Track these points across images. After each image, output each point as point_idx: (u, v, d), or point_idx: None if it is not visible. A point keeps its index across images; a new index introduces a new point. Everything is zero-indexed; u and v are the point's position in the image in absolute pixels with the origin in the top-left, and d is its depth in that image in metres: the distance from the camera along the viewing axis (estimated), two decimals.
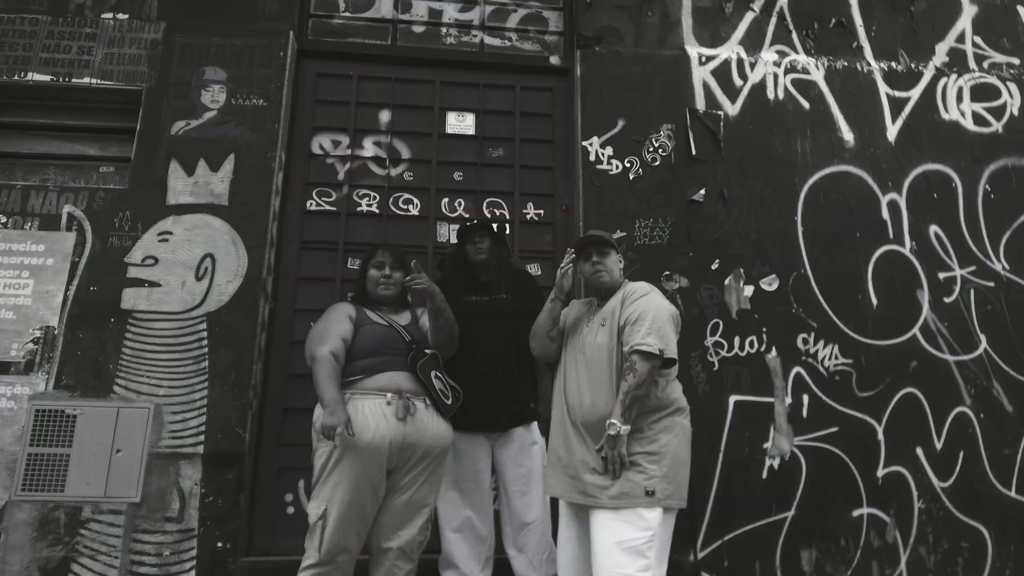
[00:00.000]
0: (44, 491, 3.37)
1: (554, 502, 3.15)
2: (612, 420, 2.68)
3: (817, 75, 4.44)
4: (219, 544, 3.38)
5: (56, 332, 3.60)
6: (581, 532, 2.86)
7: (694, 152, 4.16)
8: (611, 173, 4.09)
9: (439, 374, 3.05)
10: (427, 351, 3.06)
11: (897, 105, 4.44)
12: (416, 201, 4.19)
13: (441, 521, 3.27)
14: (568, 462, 2.86)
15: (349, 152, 4.19)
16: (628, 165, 4.11)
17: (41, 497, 3.37)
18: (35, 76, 3.97)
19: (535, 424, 3.36)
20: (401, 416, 2.88)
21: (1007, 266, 4.22)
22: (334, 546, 2.76)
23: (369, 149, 4.22)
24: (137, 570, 3.33)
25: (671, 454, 2.74)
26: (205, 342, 3.62)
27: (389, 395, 2.89)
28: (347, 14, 4.46)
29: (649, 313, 2.83)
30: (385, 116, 4.29)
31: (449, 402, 3.04)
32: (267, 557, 3.53)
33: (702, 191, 4.09)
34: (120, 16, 4.09)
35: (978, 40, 4.69)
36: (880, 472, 3.78)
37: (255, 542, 3.59)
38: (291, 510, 3.68)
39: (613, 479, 2.68)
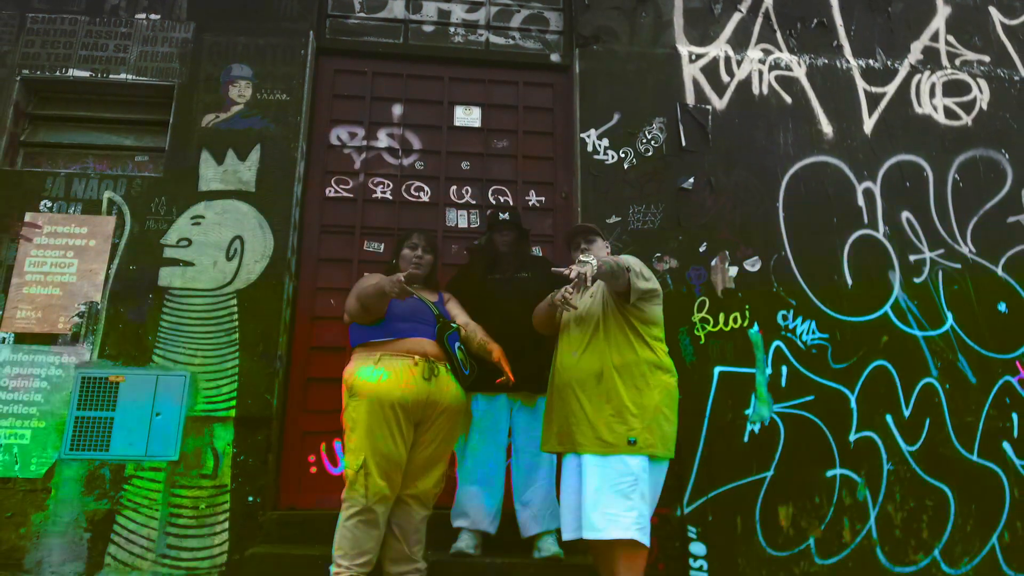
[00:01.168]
0: (90, 450, 3.72)
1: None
2: (589, 259, 2.97)
3: (799, 72, 4.77)
4: (250, 498, 3.73)
5: (99, 307, 3.94)
6: (578, 481, 3.19)
7: (684, 143, 4.50)
8: (607, 163, 4.43)
9: (461, 347, 3.38)
10: (453, 324, 3.40)
11: (873, 100, 4.78)
12: (427, 188, 4.52)
13: (460, 474, 3.62)
14: (561, 417, 3.19)
15: (365, 143, 4.53)
16: (623, 155, 4.45)
17: (88, 456, 3.71)
18: (75, 72, 4.31)
19: None
20: (427, 377, 3.21)
21: (973, 249, 4.56)
22: (377, 491, 3.04)
23: (383, 140, 4.56)
24: (176, 521, 3.67)
25: (654, 408, 3.07)
26: (236, 316, 3.96)
27: (416, 357, 3.23)
28: (362, 14, 4.79)
29: (637, 261, 3.19)
30: (397, 110, 4.62)
31: (467, 372, 3.38)
32: (293, 511, 3.87)
33: (691, 179, 4.43)
34: (152, 16, 4.43)
35: (951, 39, 5.03)
36: (852, 437, 4.12)
37: (282, 498, 3.94)
38: (314, 470, 4.03)
39: (575, 286, 2.96)
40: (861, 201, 4.56)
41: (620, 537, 2.88)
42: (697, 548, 3.85)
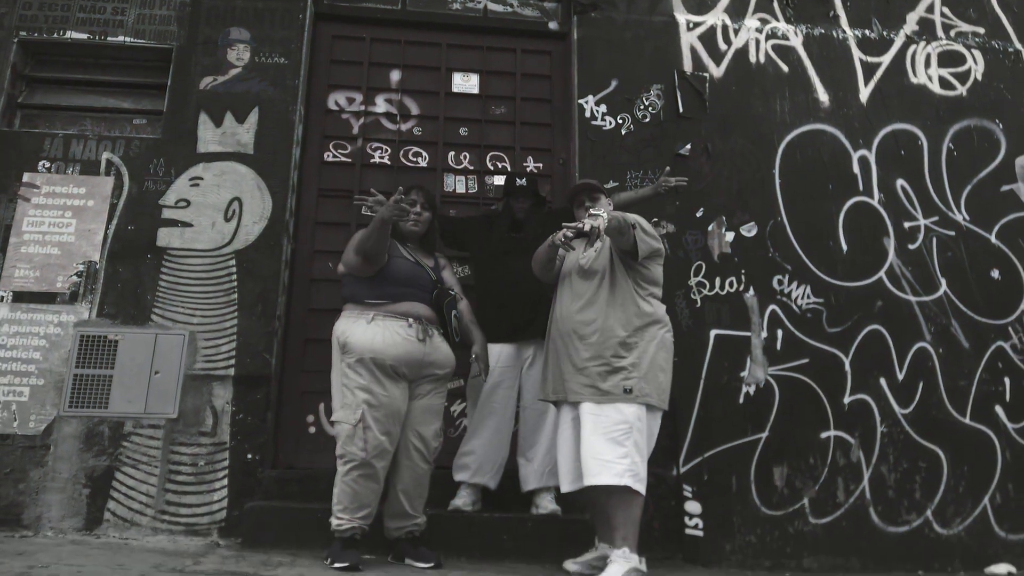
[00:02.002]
0: (89, 408, 3.73)
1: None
2: (601, 212, 3.01)
3: (796, 41, 4.80)
4: (249, 456, 3.75)
5: (98, 266, 3.94)
6: (574, 431, 3.22)
7: (681, 110, 4.52)
8: (605, 129, 4.45)
9: (458, 315, 3.40)
10: (451, 291, 3.41)
11: (869, 69, 4.81)
12: (424, 154, 4.54)
13: (468, 426, 3.66)
14: (558, 367, 3.21)
15: (363, 108, 4.54)
16: (620, 122, 4.47)
17: (87, 413, 3.73)
18: (73, 34, 4.30)
19: None
20: (421, 338, 3.23)
21: (967, 217, 4.60)
22: (377, 445, 3.04)
23: (381, 106, 4.57)
24: (175, 478, 3.69)
25: (650, 359, 3.10)
26: (234, 277, 3.98)
27: (410, 319, 3.24)
28: None
29: (642, 220, 3.21)
30: (395, 76, 4.63)
31: (457, 340, 3.40)
32: (291, 470, 3.89)
33: (688, 146, 4.45)
34: None
35: (946, 10, 5.05)
36: (846, 399, 4.16)
37: (280, 457, 3.96)
38: (312, 430, 4.05)
39: (588, 236, 2.98)
40: (856, 169, 4.60)
41: (613, 483, 2.91)
42: (692, 507, 3.89)
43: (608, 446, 2.95)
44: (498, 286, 3.72)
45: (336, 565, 2.96)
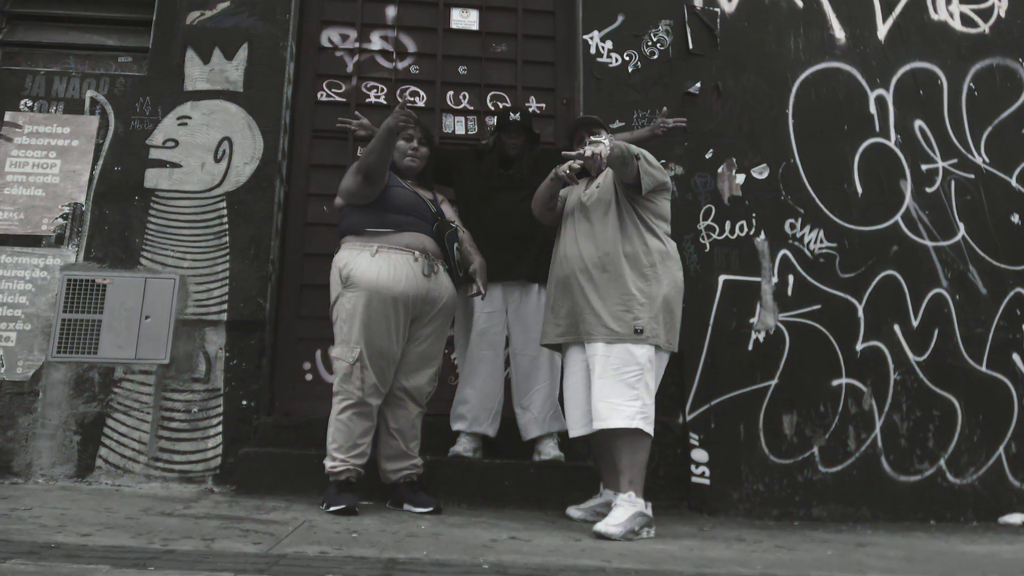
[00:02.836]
0: (78, 353, 3.62)
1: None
2: (602, 139, 2.88)
3: None
4: (244, 402, 3.64)
5: (84, 208, 3.80)
6: (584, 374, 3.10)
7: (691, 47, 4.32)
8: (611, 66, 4.25)
9: (459, 248, 3.26)
10: (453, 223, 3.27)
11: (888, 5, 4.58)
12: (422, 93, 4.36)
13: (460, 375, 3.53)
14: (565, 308, 3.08)
15: (357, 45, 4.35)
16: (627, 59, 4.27)
17: (76, 359, 3.62)
18: None
19: None
20: (427, 273, 3.10)
21: (987, 160, 4.42)
22: (373, 385, 2.96)
23: (376, 43, 4.38)
24: (168, 425, 3.60)
25: (661, 299, 2.97)
26: (225, 219, 3.83)
27: (416, 252, 3.10)
28: None
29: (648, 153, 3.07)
30: (391, 11, 4.43)
31: (460, 275, 3.27)
32: (287, 416, 3.79)
33: (698, 84, 4.26)
34: None
35: None
36: (859, 346, 4.03)
37: (276, 404, 3.86)
38: (309, 377, 3.95)
39: (587, 154, 2.87)
40: (873, 109, 4.41)
41: (623, 426, 2.81)
42: (699, 455, 3.79)
43: (619, 388, 2.84)
44: (484, 223, 3.54)
45: (332, 508, 2.87)
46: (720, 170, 4.19)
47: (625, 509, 2.78)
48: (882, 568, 2.45)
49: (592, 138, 2.94)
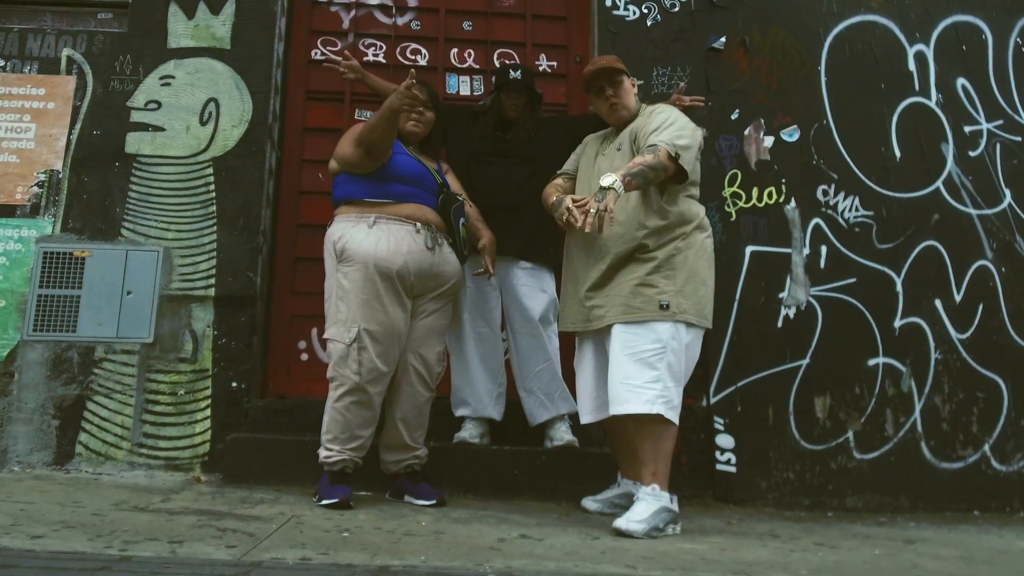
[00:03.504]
0: (56, 331, 3.37)
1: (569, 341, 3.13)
2: (609, 174, 2.54)
3: None
4: (234, 384, 3.39)
5: (61, 176, 3.53)
6: (596, 357, 2.83)
7: None
8: (628, 19, 3.92)
9: (465, 223, 2.98)
10: (459, 197, 2.99)
11: None
12: (424, 51, 4.05)
13: (453, 360, 3.26)
14: (577, 291, 2.81)
15: None
16: (646, 11, 3.94)
17: (53, 337, 3.36)
18: None
19: (549, 275, 3.30)
20: (430, 246, 2.82)
21: None
22: (373, 368, 2.68)
23: None
24: (152, 408, 3.34)
25: (688, 270, 2.68)
26: (212, 187, 3.56)
27: (418, 224, 2.82)
28: None
29: (676, 120, 2.74)
30: None
31: (466, 252, 2.99)
32: (282, 399, 3.54)
33: (722, 39, 3.93)
34: None
35: None
36: (897, 323, 3.73)
37: (269, 386, 3.60)
38: (304, 357, 3.69)
39: (587, 230, 2.47)
40: (912, 66, 4.06)
41: (643, 411, 2.53)
42: (724, 440, 3.51)
43: (638, 369, 2.55)
44: (475, 191, 3.23)
45: (324, 502, 2.61)
46: (747, 132, 3.86)
47: (648, 503, 2.51)
48: (942, 572, 2.17)
49: (601, 181, 2.52)
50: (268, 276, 3.63)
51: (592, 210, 2.44)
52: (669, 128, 2.68)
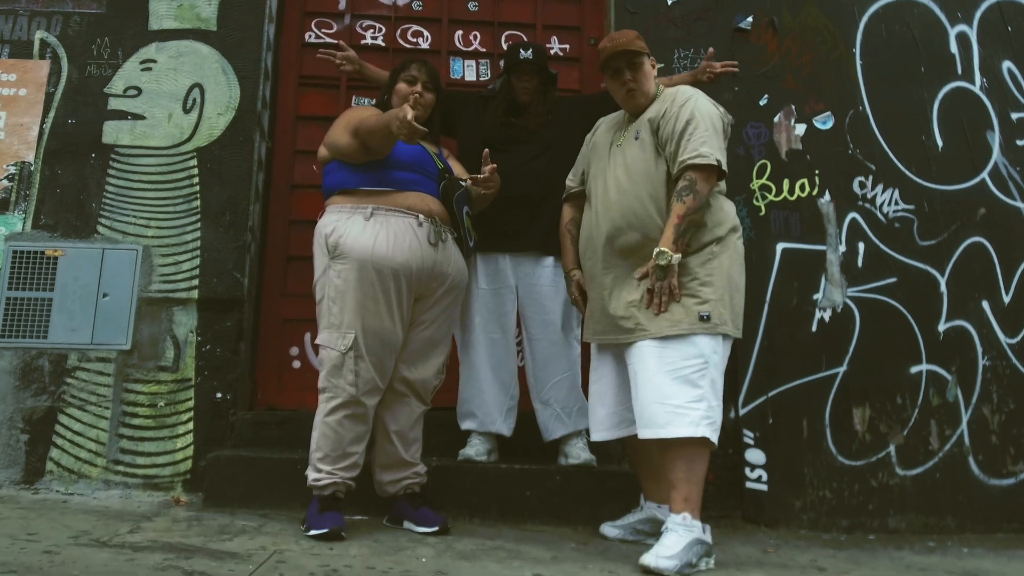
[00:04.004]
0: (25, 337, 3.09)
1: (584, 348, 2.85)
2: (662, 248, 2.30)
3: None
4: (219, 395, 3.11)
5: (32, 168, 3.26)
6: (616, 369, 2.54)
7: None
8: None
9: (469, 212, 2.70)
10: (463, 183, 2.70)
11: None
12: (426, 34, 3.76)
13: (461, 367, 2.97)
14: (601, 297, 2.52)
15: None
16: None
17: (22, 344, 3.09)
18: None
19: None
20: (433, 241, 2.53)
21: None
22: (370, 380, 2.41)
23: None
24: (130, 422, 3.07)
25: (725, 276, 2.40)
26: (196, 179, 3.28)
27: (420, 216, 2.54)
28: None
29: (699, 120, 2.44)
30: None
31: (471, 244, 2.70)
32: (272, 411, 3.25)
33: (749, 19, 3.62)
34: None
35: None
36: (941, 327, 3.43)
37: (258, 396, 3.32)
38: (297, 364, 3.40)
39: (656, 313, 2.33)
40: (954, 48, 3.75)
41: (688, 435, 2.23)
42: (754, 456, 3.22)
43: (679, 388, 2.26)
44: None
45: (312, 532, 2.33)
46: (777, 119, 3.56)
47: (680, 535, 2.21)
48: None
49: (658, 262, 2.31)
50: (257, 277, 3.35)
51: (660, 293, 2.34)
52: (692, 137, 2.39)
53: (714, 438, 2.28)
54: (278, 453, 2.89)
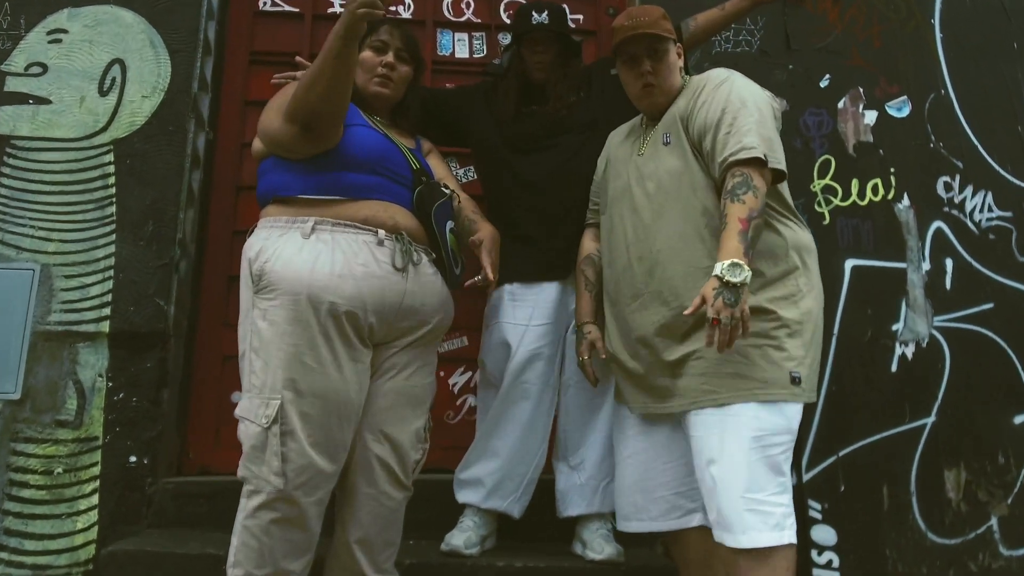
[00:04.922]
0: None
1: None
2: (734, 259, 1.59)
3: None
4: (132, 458, 2.41)
5: None
6: (652, 442, 1.88)
7: None
8: None
9: (454, 228, 2.01)
10: (445, 189, 2.02)
11: None
12: (409, 1, 3.08)
13: (480, 419, 2.32)
14: (634, 352, 1.86)
15: None
16: None
17: None
18: None
19: None
20: (400, 265, 1.84)
21: None
22: (305, 466, 1.69)
23: None
24: (17, 493, 2.37)
25: (813, 322, 1.78)
26: (112, 179, 2.60)
27: (382, 232, 1.85)
28: None
29: (739, 105, 1.78)
30: None
31: (458, 271, 2.01)
32: (204, 477, 2.56)
33: None
34: None
35: None
36: None
37: (189, 456, 2.63)
38: None
39: (720, 351, 1.63)
40: None
41: (772, 544, 1.60)
42: (822, 534, 2.53)
43: (767, 475, 1.64)
44: (511, 194, 2.31)
45: None
46: (841, 105, 2.89)
47: None
48: None
49: (731, 279, 1.57)
50: (188, 304, 2.66)
51: (729, 325, 1.57)
52: (735, 127, 1.75)
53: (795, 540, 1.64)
54: (203, 539, 2.19)
